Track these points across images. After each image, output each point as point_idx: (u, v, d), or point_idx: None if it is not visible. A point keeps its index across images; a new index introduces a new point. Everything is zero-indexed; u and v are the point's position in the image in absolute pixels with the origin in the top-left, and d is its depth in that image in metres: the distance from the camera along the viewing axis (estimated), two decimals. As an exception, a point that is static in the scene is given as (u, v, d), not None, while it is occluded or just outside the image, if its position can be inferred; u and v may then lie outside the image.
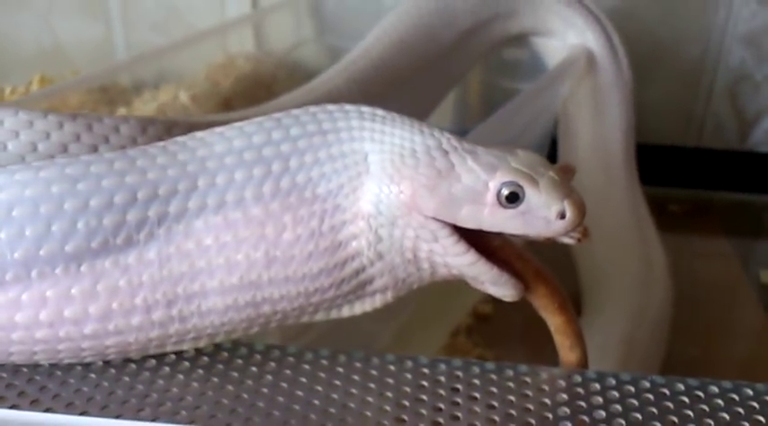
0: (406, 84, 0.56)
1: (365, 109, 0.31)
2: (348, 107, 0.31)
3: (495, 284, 0.31)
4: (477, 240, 0.30)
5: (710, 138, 0.89)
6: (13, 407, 0.28)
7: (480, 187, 0.29)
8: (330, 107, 0.31)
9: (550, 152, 0.71)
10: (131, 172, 0.28)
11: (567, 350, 0.33)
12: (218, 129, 0.30)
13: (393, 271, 0.30)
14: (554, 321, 0.32)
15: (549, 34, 0.64)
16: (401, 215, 0.29)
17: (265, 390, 0.29)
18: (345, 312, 0.32)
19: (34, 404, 0.28)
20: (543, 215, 0.29)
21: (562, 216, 0.29)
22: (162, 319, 0.29)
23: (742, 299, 0.71)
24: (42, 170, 0.27)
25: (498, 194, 0.29)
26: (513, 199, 0.29)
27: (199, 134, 0.30)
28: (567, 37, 0.63)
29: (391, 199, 0.29)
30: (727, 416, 0.29)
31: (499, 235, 0.31)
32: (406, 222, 0.29)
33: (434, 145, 0.30)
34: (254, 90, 0.70)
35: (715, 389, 0.30)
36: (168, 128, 0.34)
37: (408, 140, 0.30)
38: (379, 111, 0.31)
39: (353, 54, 0.55)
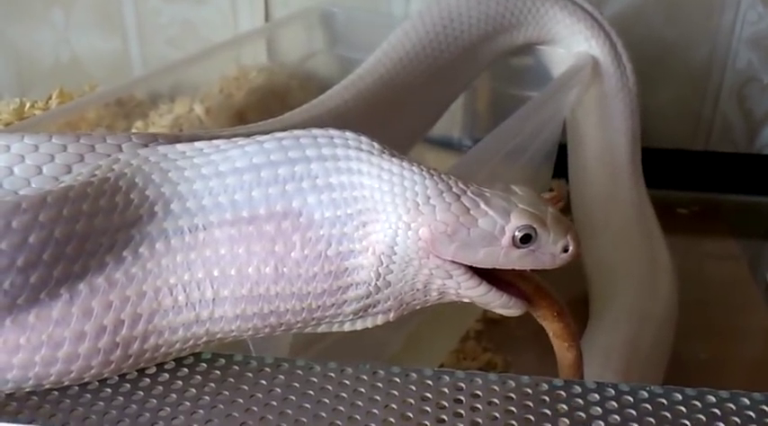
0: (413, 97, 0.57)
1: (364, 139, 0.32)
2: (348, 135, 0.32)
3: (504, 307, 0.33)
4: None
5: (718, 141, 0.89)
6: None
7: (497, 231, 0.31)
8: (333, 132, 0.32)
9: (559, 158, 0.72)
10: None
11: (564, 351, 0.35)
12: (222, 146, 0.32)
13: (399, 297, 0.32)
14: (552, 327, 0.35)
15: (555, 43, 0.65)
16: (417, 257, 0.30)
17: (274, 403, 0.30)
18: (347, 327, 0.33)
19: (53, 418, 0.29)
20: (551, 251, 0.31)
21: (566, 250, 0.32)
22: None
23: (750, 301, 0.71)
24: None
25: (514, 237, 0.31)
26: (527, 240, 0.31)
27: (205, 149, 0.32)
28: (571, 45, 0.64)
29: (408, 243, 0.30)
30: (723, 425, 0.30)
31: None
32: (422, 263, 0.31)
33: (446, 189, 0.31)
34: (268, 101, 0.72)
35: (712, 399, 0.31)
36: (171, 144, 0.34)
37: (420, 184, 0.31)
38: (377, 145, 0.32)
39: (361, 70, 0.55)
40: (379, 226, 0.30)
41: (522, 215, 0.31)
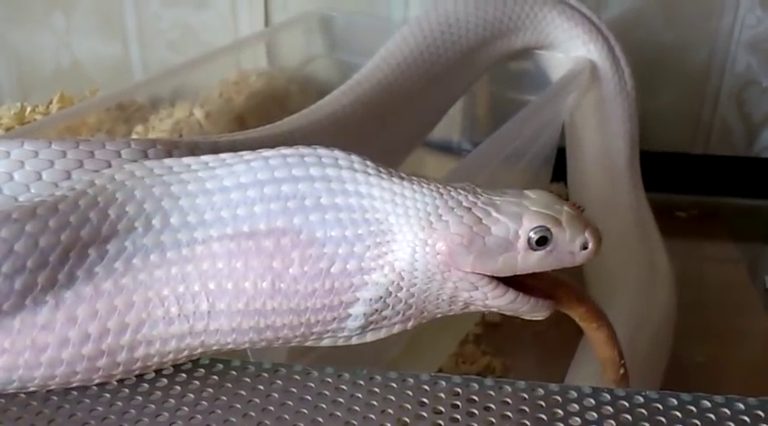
0: (411, 102, 0.57)
1: (369, 162, 0.32)
2: (354, 157, 0.32)
3: (533, 311, 0.33)
4: None
5: (717, 144, 0.89)
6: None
7: (511, 236, 0.31)
8: (337, 153, 0.32)
9: (557, 161, 0.72)
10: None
11: (594, 332, 0.35)
12: (228, 160, 0.32)
13: (422, 307, 0.32)
14: (577, 312, 0.34)
15: (553, 48, 0.65)
16: (439, 271, 0.31)
17: (272, 408, 0.30)
18: (355, 340, 0.33)
19: (52, 423, 0.29)
20: (569, 250, 0.31)
21: (585, 246, 0.31)
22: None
23: (748, 304, 0.71)
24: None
25: (529, 240, 0.31)
26: (543, 241, 0.31)
27: (211, 163, 0.32)
28: (570, 50, 0.64)
29: (428, 259, 0.30)
30: (718, 431, 0.30)
31: None
32: (445, 277, 0.31)
33: (456, 204, 0.31)
34: (267, 105, 0.72)
35: (707, 404, 0.31)
36: (169, 150, 0.34)
37: (431, 204, 0.31)
38: (383, 168, 0.32)
39: (359, 75, 0.56)
40: (396, 246, 0.31)
41: (535, 216, 0.31)
